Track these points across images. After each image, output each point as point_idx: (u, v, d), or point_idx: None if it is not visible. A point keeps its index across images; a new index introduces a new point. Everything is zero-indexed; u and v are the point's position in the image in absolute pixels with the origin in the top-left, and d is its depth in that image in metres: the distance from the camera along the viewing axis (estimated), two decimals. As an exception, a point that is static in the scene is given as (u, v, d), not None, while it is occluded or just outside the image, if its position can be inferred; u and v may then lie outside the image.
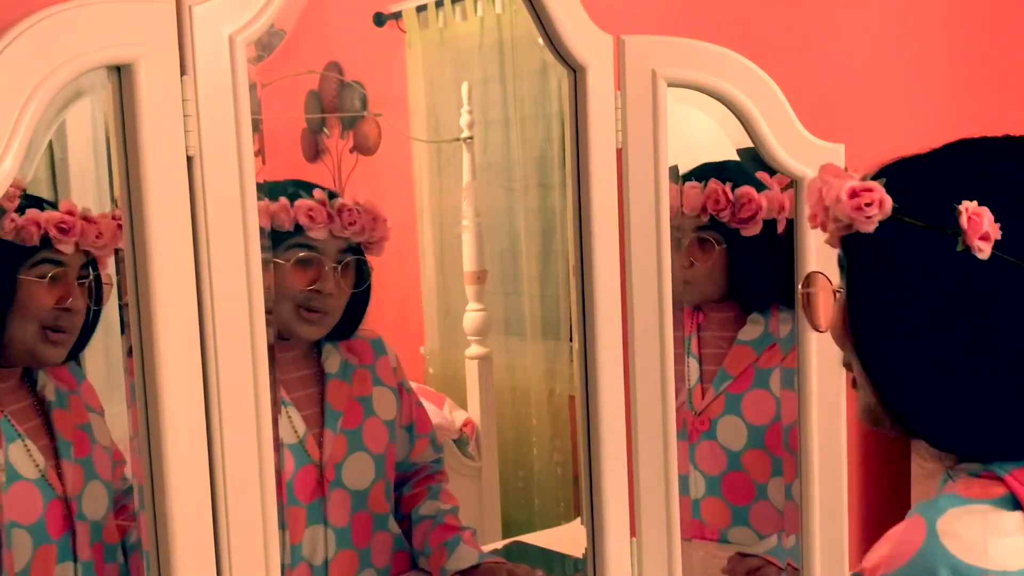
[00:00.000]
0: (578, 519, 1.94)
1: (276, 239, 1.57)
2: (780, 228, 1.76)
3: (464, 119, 2.41)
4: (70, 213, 1.40)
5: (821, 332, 1.04)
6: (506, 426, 2.54)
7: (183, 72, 1.23)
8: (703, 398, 1.92)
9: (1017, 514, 0.87)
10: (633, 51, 1.59)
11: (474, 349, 2.45)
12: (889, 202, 0.93)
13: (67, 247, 1.40)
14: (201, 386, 1.26)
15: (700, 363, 1.93)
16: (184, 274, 1.24)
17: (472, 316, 2.44)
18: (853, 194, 0.94)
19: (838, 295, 1.01)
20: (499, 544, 2.10)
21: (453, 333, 2.58)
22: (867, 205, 0.93)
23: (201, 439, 1.26)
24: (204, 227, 1.25)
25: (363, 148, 2.48)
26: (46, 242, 1.39)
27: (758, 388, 1.88)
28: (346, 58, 2.47)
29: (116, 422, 1.52)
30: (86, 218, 1.41)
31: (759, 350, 1.89)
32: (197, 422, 1.26)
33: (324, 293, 1.69)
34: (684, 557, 1.70)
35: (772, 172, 1.72)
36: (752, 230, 1.81)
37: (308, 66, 2.40)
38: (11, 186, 1.15)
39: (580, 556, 1.76)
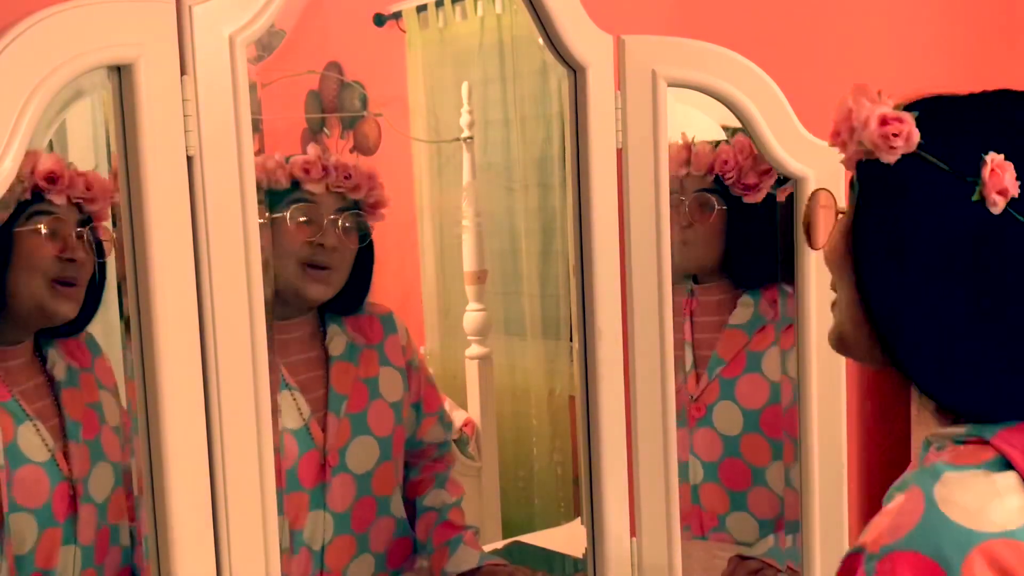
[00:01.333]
0: (578, 519, 1.94)
1: (273, 197, 1.58)
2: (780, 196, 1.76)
3: (464, 119, 2.41)
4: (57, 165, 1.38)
5: (816, 250, 1.04)
6: (506, 426, 2.53)
7: (183, 72, 1.23)
8: (698, 384, 1.92)
9: (1010, 474, 0.88)
10: (633, 51, 1.59)
11: (474, 349, 2.45)
12: (916, 136, 0.93)
13: (59, 198, 1.38)
14: (201, 385, 1.26)
15: (693, 349, 1.93)
16: (184, 274, 1.24)
17: (472, 316, 2.44)
18: (883, 121, 0.94)
19: (841, 217, 1.01)
20: (499, 544, 2.10)
21: (453, 333, 2.57)
22: (894, 135, 0.93)
23: (200, 426, 1.26)
24: (204, 227, 1.25)
25: (363, 148, 2.48)
26: (37, 196, 1.37)
27: (750, 372, 1.88)
28: (346, 58, 2.47)
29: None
30: (74, 172, 1.39)
31: (750, 333, 1.89)
32: (196, 412, 1.26)
33: (327, 247, 1.68)
34: (684, 557, 1.70)
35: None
36: (754, 197, 1.81)
37: (308, 66, 2.40)
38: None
39: (580, 556, 1.76)
